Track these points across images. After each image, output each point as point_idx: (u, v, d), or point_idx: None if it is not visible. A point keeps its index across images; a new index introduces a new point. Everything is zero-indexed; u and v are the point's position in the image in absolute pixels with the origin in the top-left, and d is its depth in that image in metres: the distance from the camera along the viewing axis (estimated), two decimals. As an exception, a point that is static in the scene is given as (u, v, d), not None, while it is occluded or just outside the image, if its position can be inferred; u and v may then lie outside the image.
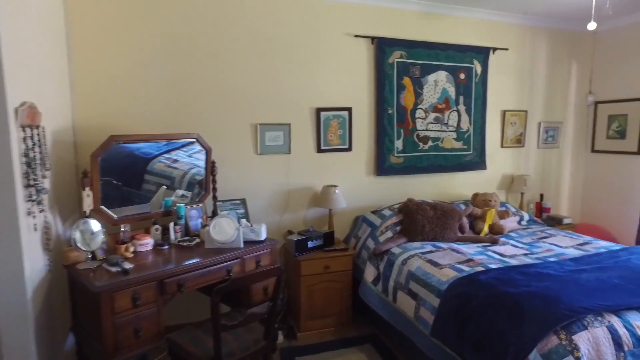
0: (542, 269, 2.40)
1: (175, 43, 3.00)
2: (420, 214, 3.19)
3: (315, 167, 3.55)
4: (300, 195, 3.53)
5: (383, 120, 3.69)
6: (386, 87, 3.66)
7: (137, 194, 2.80)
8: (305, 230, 3.32)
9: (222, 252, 2.60)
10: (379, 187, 3.79)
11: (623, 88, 4.20)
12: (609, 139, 4.35)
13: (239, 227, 2.74)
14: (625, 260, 2.59)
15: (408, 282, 2.69)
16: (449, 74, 3.86)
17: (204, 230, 2.77)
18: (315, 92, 3.46)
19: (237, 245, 2.70)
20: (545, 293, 2.04)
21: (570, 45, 4.36)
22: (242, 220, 2.95)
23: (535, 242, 3.13)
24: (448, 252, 2.86)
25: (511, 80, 4.16)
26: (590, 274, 2.34)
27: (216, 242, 2.68)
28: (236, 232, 2.70)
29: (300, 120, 3.45)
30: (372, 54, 3.62)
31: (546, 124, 4.36)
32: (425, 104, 3.82)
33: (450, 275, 2.46)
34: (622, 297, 2.05)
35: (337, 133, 3.58)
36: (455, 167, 4.01)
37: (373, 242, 3.23)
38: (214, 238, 2.67)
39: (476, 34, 3.95)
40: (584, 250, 2.91)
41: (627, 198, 4.18)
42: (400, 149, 3.78)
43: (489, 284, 2.20)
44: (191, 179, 3.03)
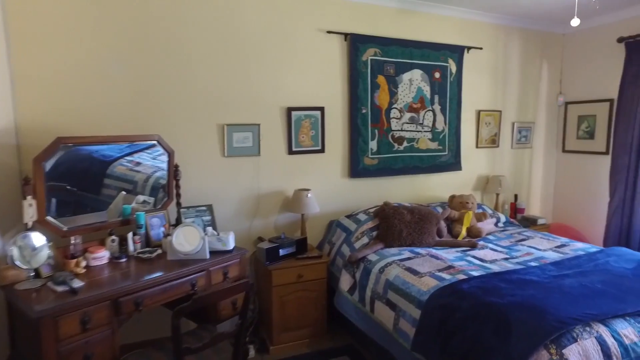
0: (525, 275, 2.31)
1: (134, 37, 2.74)
2: (397, 218, 3.07)
3: (286, 170, 3.36)
4: (271, 200, 3.34)
5: (357, 121, 3.54)
6: (360, 85, 3.51)
7: (95, 200, 2.57)
8: (277, 237, 3.13)
9: (186, 265, 2.39)
10: (354, 190, 3.64)
11: (591, 89, 4.22)
12: (579, 139, 4.38)
13: (204, 236, 2.52)
14: (604, 263, 2.54)
15: (386, 292, 2.55)
16: (424, 72, 3.76)
17: (166, 241, 2.54)
18: (286, 90, 3.28)
19: (202, 257, 2.49)
20: (531, 303, 1.94)
21: (541, 45, 4.36)
22: (208, 229, 2.74)
23: (514, 245, 3.06)
24: (427, 258, 2.74)
25: (486, 80, 4.11)
26: (573, 279, 2.27)
27: (179, 253, 2.45)
28: (201, 242, 2.49)
29: (270, 120, 3.25)
30: (346, 51, 3.46)
31: (519, 124, 4.34)
32: (400, 103, 3.70)
33: (430, 284, 2.33)
34: (607, 304, 1.97)
35: (309, 134, 3.40)
36: (430, 168, 3.91)
37: (348, 248, 3.08)
38: (177, 249, 2.45)
39: (451, 32, 3.87)
40: (563, 253, 2.86)
41: (596, 198, 4.21)
42: (374, 150, 3.64)
43: (473, 294, 2.08)
44: (155, 183, 2.80)
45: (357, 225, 3.20)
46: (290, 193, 3.36)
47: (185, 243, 2.49)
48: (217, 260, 2.52)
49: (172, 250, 2.46)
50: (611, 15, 3.98)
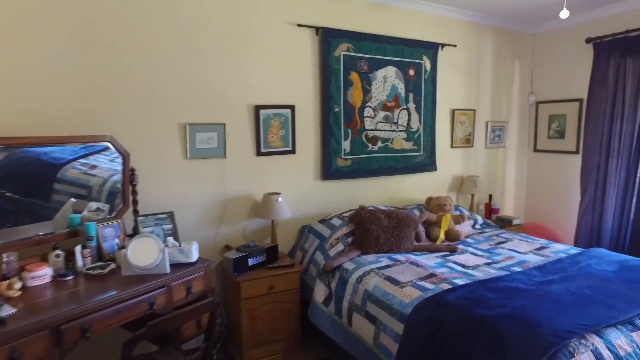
0: (511, 283, 2.20)
1: (83, 29, 2.43)
2: (374, 223, 2.90)
3: (254, 173, 3.13)
4: (239, 205, 3.10)
5: (329, 120, 3.35)
6: (332, 82, 3.32)
7: (44, 208, 2.29)
8: (245, 245, 2.90)
9: (144, 281, 2.12)
10: (326, 193, 3.45)
11: (561, 89, 4.23)
12: (550, 138, 4.38)
13: (164, 247, 2.26)
14: (587, 266, 2.47)
15: (365, 304, 2.37)
16: (398, 69, 3.62)
17: (120, 254, 2.26)
18: (253, 87, 3.05)
19: (162, 271, 2.23)
20: (523, 315, 1.81)
21: (513, 45, 4.32)
22: (169, 239, 2.47)
23: (494, 249, 2.96)
24: (407, 265, 2.59)
25: (460, 78, 4.02)
26: (560, 285, 2.17)
27: (136, 267, 2.18)
28: (161, 254, 2.23)
29: (237, 119, 3.01)
30: (317, 46, 3.27)
31: (493, 124, 4.29)
32: (374, 101, 3.55)
33: (413, 295, 2.17)
34: (598, 312, 1.88)
35: (278, 134, 3.18)
36: (405, 169, 3.78)
37: (322, 256, 2.88)
38: (132, 263, 2.18)
39: (425, 28, 3.75)
40: (543, 255, 2.79)
41: (567, 197, 4.21)
42: (347, 151, 3.47)
43: (460, 306, 1.93)
44: (112, 188, 2.53)
45: (331, 231, 3.01)
46: (259, 197, 3.14)
47: (143, 256, 2.22)
48: (179, 274, 2.27)
49: (127, 264, 2.19)
50: (580, 16, 3.98)
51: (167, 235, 2.63)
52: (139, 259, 2.20)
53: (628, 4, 3.64)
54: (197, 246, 2.45)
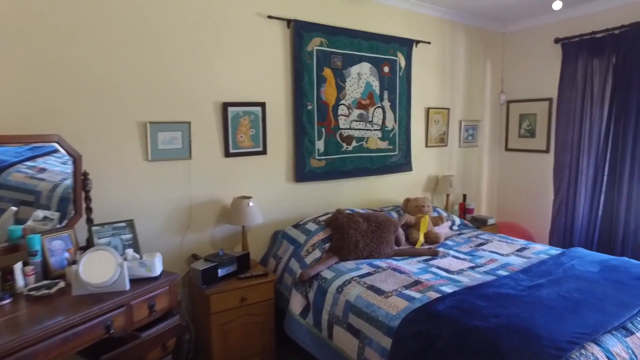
0: (500, 289, 2.09)
1: (27, 14, 2.12)
2: (353, 227, 2.74)
3: (223, 175, 2.90)
4: (206, 211, 2.86)
5: (302, 118, 3.17)
6: (305, 79, 3.14)
7: None
8: (214, 254, 2.66)
9: (100, 300, 1.86)
10: (300, 196, 3.26)
11: (531, 88, 4.24)
12: (520, 137, 4.39)
13: (122, 261, 2.00)
14: (571, 267, 2.42)
15: (347, 316, 2.21)
16: (373, 66, 3.49)
17: (70, 270, 1.98)
18: (221, 83, 2.81)
19: (120, 288, 1.97)
20: (519, 325, 1.70)
21: (484, 43, 4.30)
22: (129, 251, 2.20)
23: (475, 251, 2.88)
24: (389, 272, 2.44)
25: (434, 76, 3.94)
26: (549, 289, 2.09)
27: (89, 286, 1.91)
28: (119, 269, 1.97)
29: (203, 117, 2.77)
30: (289, 40, 3.07)
31: (467, 123, 4.24)
32: (349, 99, 3.39)
33: (400, 306, 2.03)
34: (592, 318, 1.80)
35: (248, 133, 2.96)
36: (380, 169, 3.65)
37: (298, 264, 2.69)
38: (85, 280, 1.91)
39: (399, 24, 3.63)
40: (525, 257, 2.72)
41: (539, 196, 4.24)
42: (322, 151, 3.29)
43: (452, 318, 1.80)
44: (65, 194, 2.26)
45: (306, 237, 2.83)
46: (229, 202, 2.91)
47: (98, 272, 1.95)
48: (140, 290, 2.02)
49: (79, 282, 1.92)
50: (548, 16, 4.00)
51: (126, 246, 2.36)
52: (93, 276, 1.94)
53: (595, 6, 3.67)
54: (160, 258, 2.21)
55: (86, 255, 1.96)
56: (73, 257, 2.15)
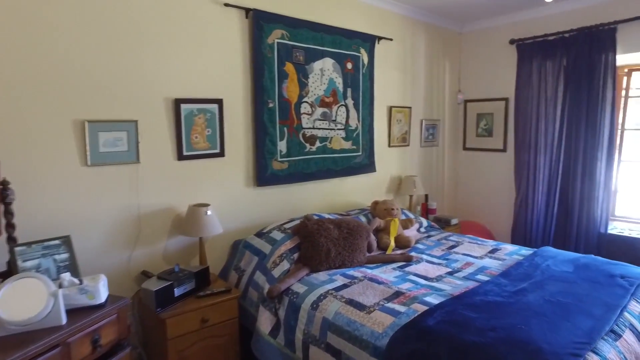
0: (486, 296, 1.99)
1: None
2: (324, 235, 2.53)
3: (176, 180, 2.57)
4: (157, 221, 2.52)
5: (263, 117, 2.91)
6: (265, 74, 2.89)
7: None
8: (169, 270, 2.34)
9: (26, 342, 1.51)
10: (261, 201, 3.00)
11: (488, 87, 4.28)
12: (478, 136, 4.42)
13: (56, 290, 1.65)
14: (546, 268, 2.38)
15: (324, 335, 2.00)
16: (336, 62, 3.30)
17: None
18: (172, 77, 2.49)
19: (54, 323, 1.63)
20: (518, 339, 1.58)
21: (443, 42, 4.27)
22: (64, 276, 1.84)
23: (448, 254, 2.78)
24: (366, 283, 2.27)
25: (396, 74, 3.84)
26: (534, 294, 2.02)
27: (11, 325, 1.55)
28: (51, 300, 1.62)
29: (152, 115, 2.43)
30: (247, 31, 2.80)
31: (427, 122, 4.19)
32: (312, 96, 3.18)
33: (385, 322, 1.85)
34: (584, 324, 1.74)
35: (204, 133, 2.66)
36: (344, 170, 3.48)
37: (265, 277, 2.44)
38: (5, 319, 1.54)
39: (362, 19, 3.48)
40: (499, 259, 2.67)
41: (497, 194, 4.28)
42: (284, 152, 3.06)
43: (446, 334, 1.65)
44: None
45: (272, 247, 2.58)
46: (183, 210, 2.59)
47: (23, 305, 1.60)
48: (81, 323, 1.68)
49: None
50: (503, 18, 4.05)
51: (61, 269, 1.98)
52: (17, 311, 1.57)
53: (547, 9, 3.75)
54: (105, 281, 1.87)
55: (5, 286, 1.59)
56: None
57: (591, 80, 3.48)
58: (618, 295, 2.04)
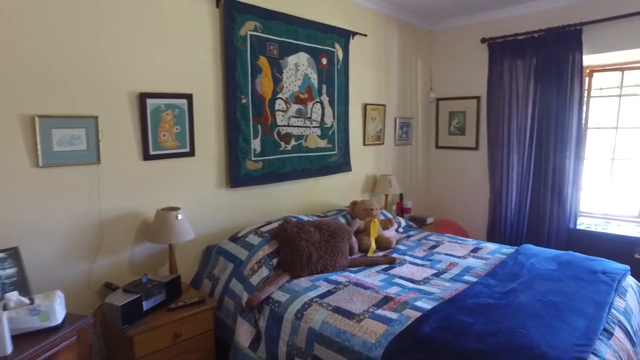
0: (478, 299, 1.92)
1: None
2: (304, 238, 2.39)
3: (142, 182, 2.35)
4: (122, 228, 2.29)
5: (236, 113, 2.73)
6: (238, 67, 2.71)
7: None
8: (136, 281, 2.13)
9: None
10: (235, 203, 2.82)
11: (460, 86, 4.29)
12: (451, 135, 4.42)
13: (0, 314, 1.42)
14: (531, 267, 2.36)
15: (311, 347, 1.86)
16: (311, 57, 3.17)
17: None
18: (137, 69, 2.27)
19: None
20: (519, 344, 1.52)
21: (416, 39, 4.23)
22: (11, 295, 1.59)
23: (430, 255, 2.71)
24: (351, 289, 2.15)
25: (370, 71, 3.75)
26: (525, 294, 1.98)
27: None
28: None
29: (115, 111, 2.20)
30: (218, 21, 2.62)
31: (401, 120, 4.14)
32: (286, 92, 3.03)
33: (378, 331, 1.73)
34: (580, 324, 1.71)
35: (172, 131, 2.45)
36: (320, 170, 3.35)
37: (242, 285, 2.27)
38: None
39: (337, 13, 3.36)
40: (482, 258, 2.63)
41: (470, 192, 4.30)
42: (258, 151, 2.89)
43: (445, 342, 1.56)
44: None
45: (249, 252, 2.41)
46: (151, 215, 2.37)
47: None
48: (31, 351, 1.46)
49: None
50: (474, 17, 4.06)
51: (6, 287, 1.73)
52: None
53: (517, 9, 3.78)
54: (62, 298, 1.65)
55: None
56: None
57: (560, 80, 3.54)
58: (604, 292, 2.04)
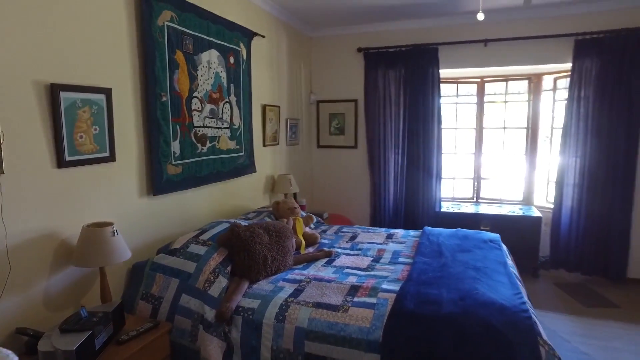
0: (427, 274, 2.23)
1: None
2: (258, 242, 2.31)
3: (57, 195, 1.91)
4: (34, 254, 1.82)
5: (156, 112, 2.45)
6: (157, 61, 2.43)
7: None
8: (73, 317, 1.74)
9: None
10: (158, 213, 2.52)
11: (339, 89, 4.68)
12: (331, 135, 4.78)
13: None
14: (443, 244, 2.80)
15: (301, 345, 1.86)
16: (221, 55, 3.03)
17: None
18: (45, 54, 1.83)
19: None
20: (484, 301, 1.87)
21: (299, 44, 4.42)
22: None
23: (356, 245, 2.95)
24: (315, 284, 2.20)
25: (267, 72, 3.78)
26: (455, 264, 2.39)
27: None
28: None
29: (18, 106, 1.74)
30: (134, 7, 2.29)
31: (291, 121, 4.28)
32: (201, 91, 2.84)
33: (368, 316, 1.86)
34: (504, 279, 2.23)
35: (90, 132, 2.06)
36: (231, 172, 3.23)
37: (199, 300, 2.07)
38: None
39: (240, 12, 3.29)
40: (400, 242, 3.00)
41: (353, 186, 4.74)
42: (177, 154, 2.64)
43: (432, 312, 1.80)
44: None
45: (197, 263, 2.21)
46: (70, 233, 1.95)
47: None
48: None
49: None
50: (351, 28, 4.49)
51: None
52: None
53: (389, 25, 4.35)
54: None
55: None
56: None
57: (424, 88, 4.25)
58: (499, 254, 2.62)
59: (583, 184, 3.89)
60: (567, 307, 3.43)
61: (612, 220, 3.81)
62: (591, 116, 3.80)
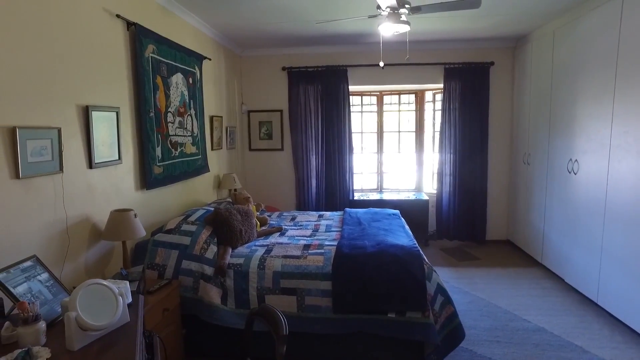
0: (354, 234, 3.27)
1: None
2: (235, 219, 3.15)
3: (89, 189, 2.56)
4: (79, 231, 2.46)
5: (146, 125, 3.13)
6: (146, 85, 3.11)
7: None
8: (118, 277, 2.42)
9: (112, 344, 1.67)
10: (148, 203, 3.20)
11: (266, 100, 5.57)
12: (261, 139, 5.66)
13: (121, 290, 1.79)
14: (361, 217, 3.88)
15: (277, 283, 2.76)
16: (184, 76, 3.75)
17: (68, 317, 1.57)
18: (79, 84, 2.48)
19: (123, 321, 1.77)
20: (390, 244, 2.95)
21: (232, 62, 5.22)
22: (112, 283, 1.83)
23: (298, 223, 3.90)
24: (280, 246, 3.11)
25: (212, 88, 4.53)
26: (371, 228, 3.45)
27: (95, 330, 1.63)
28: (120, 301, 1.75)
29: (69, 122, 2.38)
30: (128, 44, 2.96)
31: (230, 128, 5.06)
32: (173, 107, 3.55)
33: (320, 259, 2.83)
34: (405, 235, 3.32)
35: (108, 141, 2.72)
36: (193, 172, 3.96)
37: (198, 263, 2.85)
38: (90, 323, 1.62)
39: (193, 40, 4.02)
40: (330, 219, 4.02)
41: (280, 183, 5.67)
42: (160, 157, 3.33)
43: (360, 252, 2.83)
44: None
45: (191, 237, 2.97)
46: (97, 219, 2.60)
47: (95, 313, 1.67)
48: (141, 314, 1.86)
49: (79, 331, 1.60)
50: (276, 50, 5.42)
51: (50, 289, 1.89)
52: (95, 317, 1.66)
53: (307, 49, 5.37)
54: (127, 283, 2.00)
55: (78, 297, 1.64)
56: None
57: (337, 100, 5.36)
58: (400, 222, 3.78)
59: (456, 173, 5.34)
60: (448, 263, 4.80)
61: (475, 201, 5.33)
62: (458, 122, 5.25)
